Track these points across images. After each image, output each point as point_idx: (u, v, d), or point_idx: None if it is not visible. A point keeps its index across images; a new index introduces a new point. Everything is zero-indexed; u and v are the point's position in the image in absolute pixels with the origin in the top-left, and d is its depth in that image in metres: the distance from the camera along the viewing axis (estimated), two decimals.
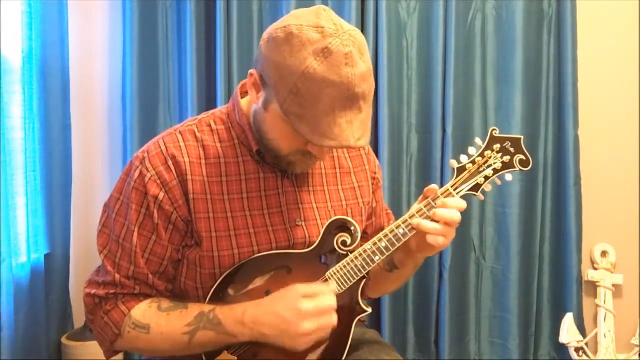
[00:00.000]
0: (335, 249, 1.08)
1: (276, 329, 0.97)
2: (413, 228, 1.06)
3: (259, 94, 1.00)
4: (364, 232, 1.24)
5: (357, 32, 0.95)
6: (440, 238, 1.04)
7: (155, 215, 1.04)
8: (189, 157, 1.06)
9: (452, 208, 1.05)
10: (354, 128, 0.92)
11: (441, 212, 1.04)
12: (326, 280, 1.06)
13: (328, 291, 1.01)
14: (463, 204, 1.06)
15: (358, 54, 0.92)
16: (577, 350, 2.23)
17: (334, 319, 0.99)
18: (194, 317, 1.02)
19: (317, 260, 1.09)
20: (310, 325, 0.96)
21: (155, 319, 1.04)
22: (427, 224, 1.04)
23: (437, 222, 1.04)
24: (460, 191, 1.09)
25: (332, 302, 0.99)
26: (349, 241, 1.08)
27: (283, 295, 0.99)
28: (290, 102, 0.92)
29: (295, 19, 0.95)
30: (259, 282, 1.06)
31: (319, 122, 0.91)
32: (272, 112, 0.98)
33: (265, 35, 0.98)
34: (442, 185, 1.10)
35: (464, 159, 1.11)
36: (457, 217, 1.04)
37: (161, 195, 1.03)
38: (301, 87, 0.90)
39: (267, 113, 1.00)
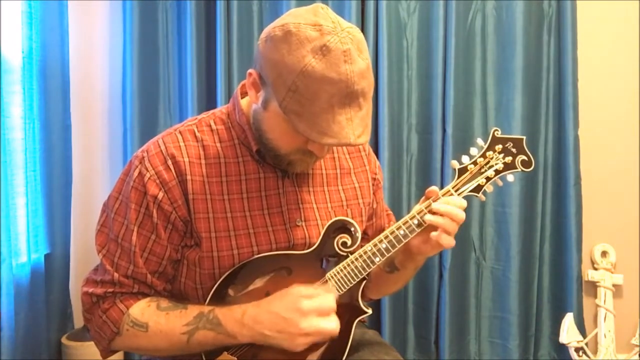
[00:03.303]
0: (335, 250, 1.08)
1: (275, 328, 0.97)
2: (414, 229, 1.06)
3: (258, 93, 1.00)
4: (364, 233, 1.24)
5: (356, 29, 0.95)
6: (443, 235, 1.03)
7: (155, 214, 1.04)
8: (188, 157, 1.06)
9: (453, 206, 1.05)
10: (353, 125, 0.92)
11: (444, 207, 1.04)
12: (326, 282, 1.06)
13: (328, 293, 1.01)
14: (463, 203, 1.06)
15: (356, 51, 0.92)
16: (577, 350, 2.23)
17: (333, 322, 0.98)
18: (193, 316, 1.02)
19: (317, 262, 1.08)
20: (308, 325, 0.96)
21: (154, 317, 1.03)
22: (433, 218, 1.04)
23: (441, 215, 1.04)
24: (462, 192, 1.09)
25: (332, 303, 0.99)
26: (349, 242, 1.08)
27: (283, 295, 0.99)
28: (289, 100, 0.91)
29: (292, 17, 0.95)
30: (259, 283, 1.06)
31: (318, 120, 0.91)
32: (272, 111, 0.98)
33: (263, 34, 0.97)
34: (442, 186, 1.10)
35: (465, 159, 1.11)
36: (459, 213, 1.04)
37: (160, 195, 1.03)
38: (300, 85, 0.90)
39: (266, 112, 0.99)
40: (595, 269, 2.36)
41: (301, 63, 0.90)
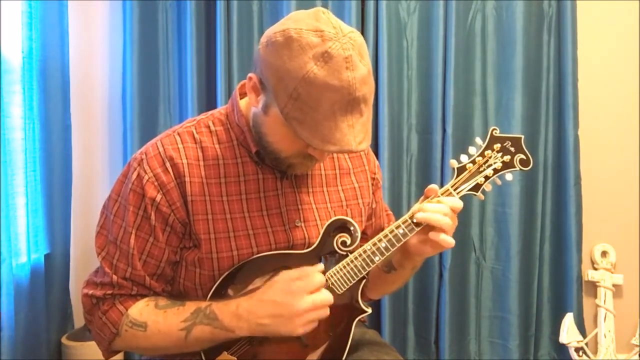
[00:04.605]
0: (334, 250, 1.08)
1: (272, 315, 0.98)
2: (413, 228, 1.06)
3: (258, 97, 0.99)
4: (364, 233, 1.24)
5: (357, 34, 0.94)
6: (442, 235, 1.03)
7: (153, 217, 1.04)
8: (187, 158, 1.06)
9: (446, 205, 1.05)
10: (355, 132, 0.92)
11: (431, 205, 1.05)
12: (325, 281, 1.05)
13: (314, 270, 1.01)
14: (458, 203, 1.06)
15: (358, 57, 0.92)
16: (577, 350, 2.23)
17: (325, 294, 0.99)
18: (190, 313, 1.02)
19: (317, 261, 1.08)
20: (303, 303, 0.97)
21: (152, 316, 1.04)
22: (424, 215, 1.04)
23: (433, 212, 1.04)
24: (461, 191, 1.09)
25: (320, 278, 1.00)
26: (348, 241, 1.08)
27: (272, 284, 1.00)
28: (290, 106, 0.91)
29: (294, 22, 0.94)
30: (258, 283, 1.05)
31: (320, 127, 0.91)
32: (272, 115, 0.97)
33: (263, 38, 0.97)
34: (442, 186, 1.10)
35: (464, 158, 1.11)
36: (450, 211, 1.04)
37: (159, 197, 1.03)
38: (301, 91, 0.90)
39: (267, 116, 0.99)
40: (595, 269, 2.36)
41: (303, 70, 0.89)
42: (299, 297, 0.97)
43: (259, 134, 1.04)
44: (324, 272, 1.05)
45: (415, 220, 1.06)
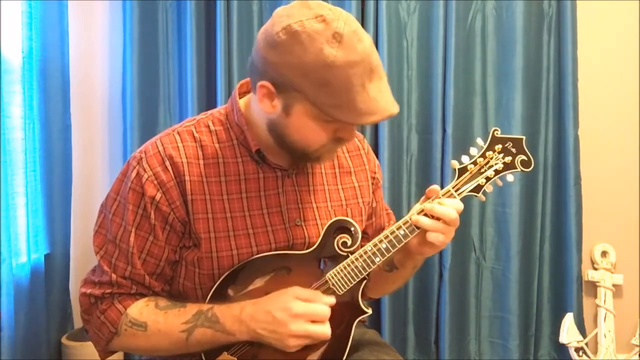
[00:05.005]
0: (335, 250, 1.08)
1: (268, 327, 0.98)
2: (414, 229, 1.06)
3: (274, 102, 0.98)
4: (364, 232, 1.24)
5: (347, 12, 0.97)
6: (440, 235, 1.03)
7: (152, 216, 1.04)
8: (186, 157, 1.05)
9: (448, 207, 1.05)
10: (386, 96, 0.95)
11: (438, 208, 1.04)
12: (326, 282, 1.06)
13: (324, 300, 1.01)
14: (460, 205, 1.06)
15: (360, 30, 0.95)
16: (577, 350, 2.23)
17: (324, 328, 0.99)
18: (191, 315, 1.02)
19: (317, 262, 1.08)
20: (298, 327, 0.96)
21: (152, 316, 1.03)
22: (425, 221, 1.04)
23: (437, 219, 1.04)
24: (462, 192, 1.09)
25: (326, 311, 0.99)
26: (349, 242, 1.07)
27: (278, 295, 1.00)
28: (323, 95, 0.92)
29: (288, 17, 0.94)
30: (258, 283, 1.05)
31: (356, 103, 0.92)
32: (296, 113, 0.97)
33: (261, 43, 0.96)
34: (442, 186, 1.10)
35: (465, 159, 1.10)
36: (452, 214, 1.04)
37: (158, 196, 1.03)
38: (328, 77, 0.91)
39: (289, 117, 0.98)
40: (595, 269, 2.36)
41: (322, 56, 0.90)
42: (297, 320, 0.96)
43: (280, 137, 1.03)
44: (326, 283, 1.06)
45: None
